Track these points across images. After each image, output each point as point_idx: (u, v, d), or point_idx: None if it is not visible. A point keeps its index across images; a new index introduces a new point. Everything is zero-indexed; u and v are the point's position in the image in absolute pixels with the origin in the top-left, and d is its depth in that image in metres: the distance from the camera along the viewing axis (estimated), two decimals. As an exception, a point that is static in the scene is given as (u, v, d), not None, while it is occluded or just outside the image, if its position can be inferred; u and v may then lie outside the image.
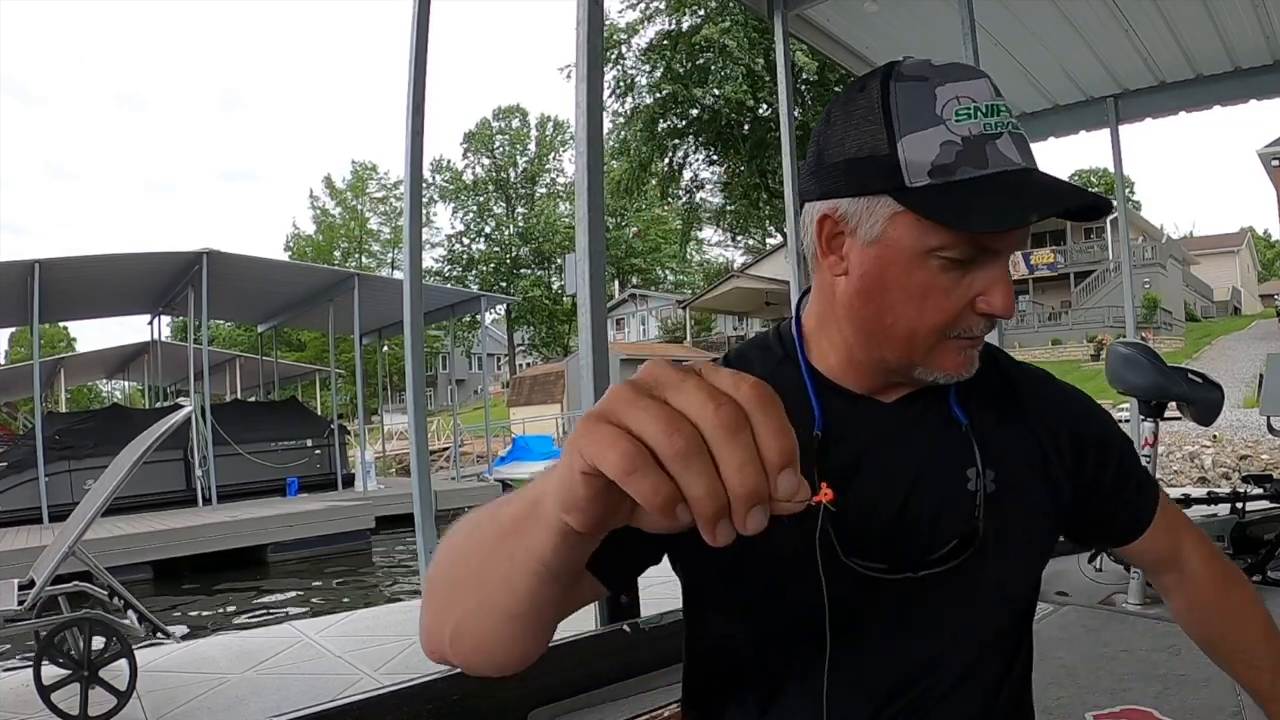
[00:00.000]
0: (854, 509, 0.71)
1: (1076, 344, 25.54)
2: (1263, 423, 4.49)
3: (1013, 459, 0.77)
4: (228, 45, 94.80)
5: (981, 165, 0.64)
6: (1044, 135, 6.47)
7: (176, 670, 3.37)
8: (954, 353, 0.70)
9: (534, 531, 0.45)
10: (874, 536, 0.72)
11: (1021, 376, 0.84)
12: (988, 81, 0.67)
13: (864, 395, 0.77)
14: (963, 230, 0.64)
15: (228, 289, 12.79)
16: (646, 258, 45.05)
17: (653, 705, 0.95)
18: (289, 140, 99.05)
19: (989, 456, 0.76)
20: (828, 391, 0.76)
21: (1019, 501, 0.76)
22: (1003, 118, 0.66)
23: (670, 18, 21.58)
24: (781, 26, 4.84)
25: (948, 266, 0.67)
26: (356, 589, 8.78)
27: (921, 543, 0.73)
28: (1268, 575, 3.41)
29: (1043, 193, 0.64)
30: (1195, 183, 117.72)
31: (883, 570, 0.72)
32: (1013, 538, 0.76)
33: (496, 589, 0.51)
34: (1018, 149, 0.66)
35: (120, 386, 33.45)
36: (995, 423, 0.78)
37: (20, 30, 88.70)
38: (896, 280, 0.68)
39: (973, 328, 0.69)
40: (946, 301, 0.68)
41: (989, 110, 0.66)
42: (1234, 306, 37.38)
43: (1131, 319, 6.50)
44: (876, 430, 0.76)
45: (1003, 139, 0.65)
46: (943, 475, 0.75)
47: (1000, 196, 0.63)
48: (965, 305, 0.68)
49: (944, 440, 0.76)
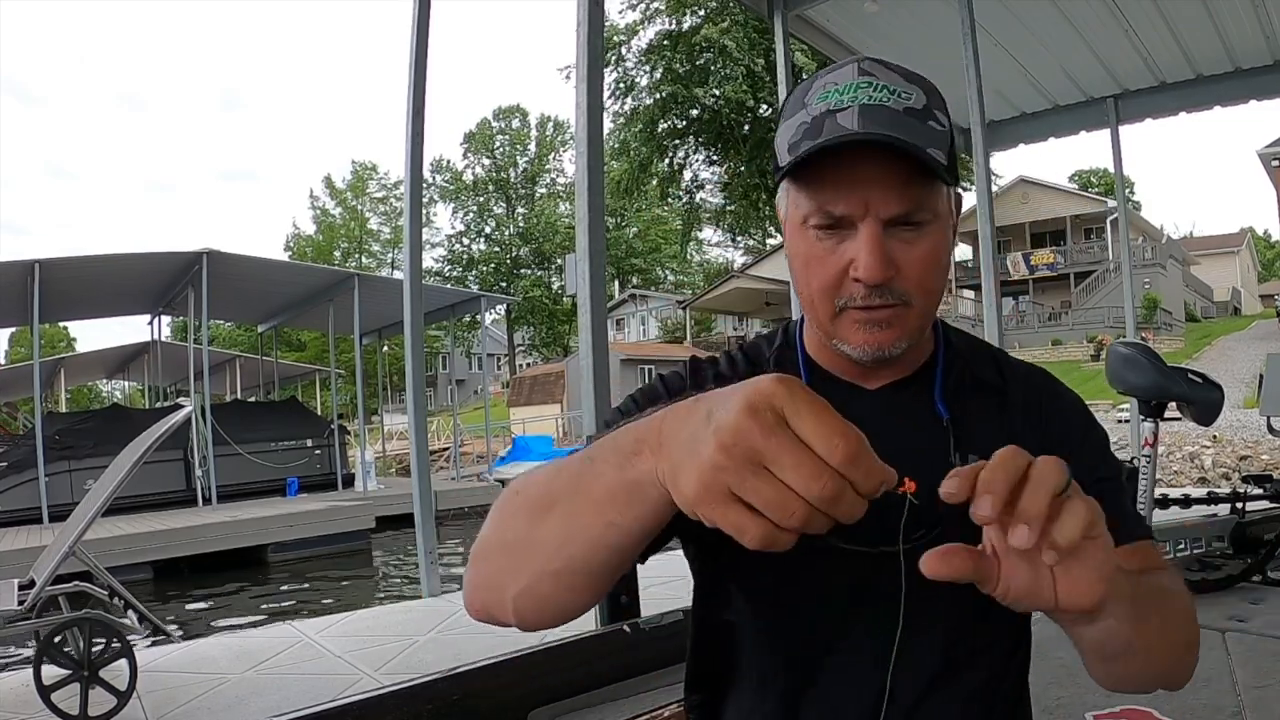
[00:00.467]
0: None
1: (1076, 344, 25.53)
2: (1263, 423, 4.49)
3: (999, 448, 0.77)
4: (228, 45, 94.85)
5: (816, 136, 0.68)
6: (1044, 135, 6.48)
7: (176, 670, 3.36)
8: (853, 326, 0.73)
9: (640, 505, 0.51)
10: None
11: (1019, 373, 0.84)
12: (856, 67, 0.72)
13: (848, 382, 0.80)
14: (795, 184, 0.72)
15: (228, 289, 12.79)
16: (646, 258, 45.04)
17: (653, 705, 0.95)
18: (289, 140, 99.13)
19: (974, 449, 0.76)
20: (818, 378, 0.81)
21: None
22: (858, 94, 0.69)
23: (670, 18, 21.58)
24: (781, 26, 4.85)
25: (821, 235, 0.72)
26: (357, 589, 8.78)
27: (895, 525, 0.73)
28: (1268, 575, 3.41)
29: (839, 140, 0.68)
30: (1195, 183, 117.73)
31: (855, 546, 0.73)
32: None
33: (588, 550, 0.56)
34: (863, 119, 0.67)
35: (120, 386, 33.46)
36: (985, 416, 0.79)
37: (20, 30, 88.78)
38: (793, 251, 0.75)
39: (855, 296, 0.72)
40: (823, 268, 0.72)
41: (845, 89, 0.70)
42: (1234, 307, 37.37)
43: (1131, 319, 6.51)
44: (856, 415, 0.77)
45: (846, 112, 0.68)
46: (921, 464, 0.75)
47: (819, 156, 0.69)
48: (841, 272, 0.71)
49: (925, 430, 0.77)
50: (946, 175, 0.70)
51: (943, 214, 0.73)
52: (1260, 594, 3.26)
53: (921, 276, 0.72)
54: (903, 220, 0.70)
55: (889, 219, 0.69)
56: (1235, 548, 3.69)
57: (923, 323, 0.75)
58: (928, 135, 0.69)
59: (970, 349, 0.85)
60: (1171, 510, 4.14)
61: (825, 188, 0.70)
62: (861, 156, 0.68)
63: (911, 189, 0.69)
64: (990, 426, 0.78)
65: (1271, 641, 2.68)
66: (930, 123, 0.70)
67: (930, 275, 0.72)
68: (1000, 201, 28.03)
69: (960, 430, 0.77)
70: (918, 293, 0.72)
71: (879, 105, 0.68)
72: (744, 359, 0.86)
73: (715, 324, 39.08)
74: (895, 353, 0.74)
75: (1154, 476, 3.14)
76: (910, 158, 0.67)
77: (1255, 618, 2.93)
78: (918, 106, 0.70)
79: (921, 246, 0.71)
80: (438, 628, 3.80)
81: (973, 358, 0.84)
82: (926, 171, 0.68)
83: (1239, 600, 3.17)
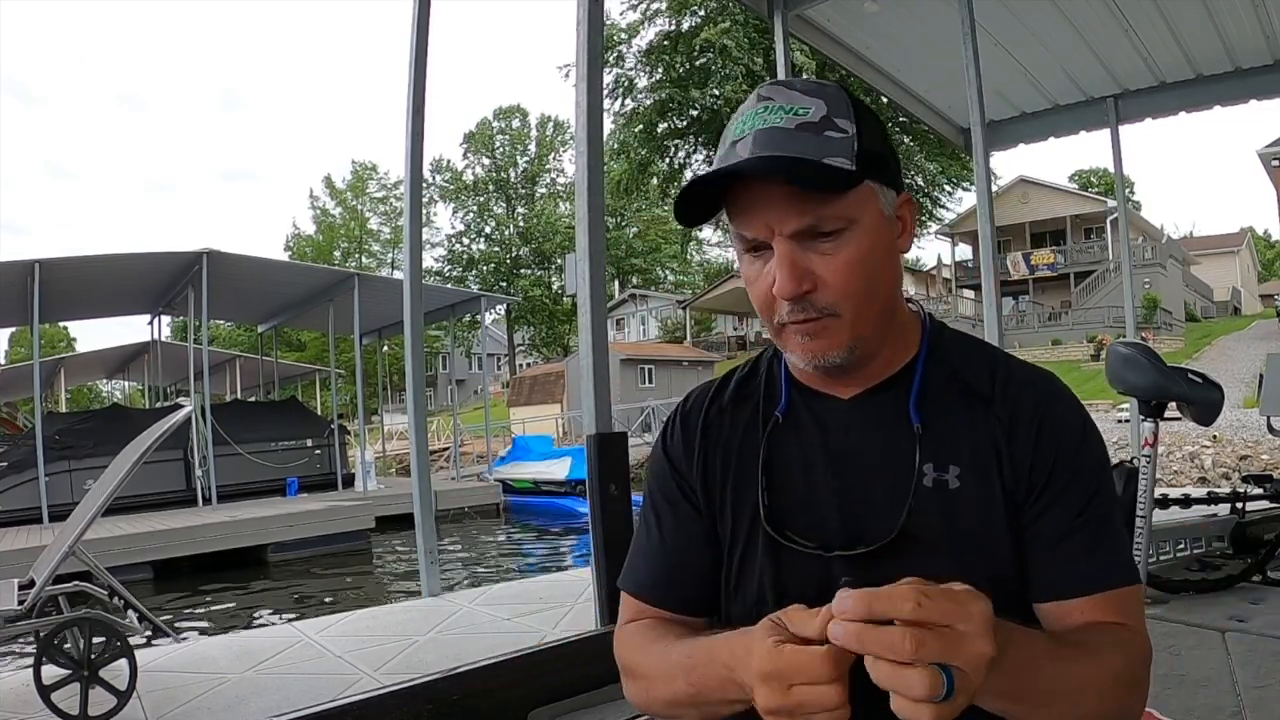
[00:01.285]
0: (796, 492, 0.79)
1: (1076, 344, 25.53)
2: (1263, 423, 4.49)
3: (975, 457, 0.77)
4: (227, 45, 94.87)
5: (718, 163, 0.73)
6: (1044, 135, 6.47)
7: (176, 670, 3.36)
8: (792, 338, 0.76)
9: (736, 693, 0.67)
10: (812, 519, 0.78)
11: (1017, 383, 0.80)
12: (757, 95, 0.75)
13: (824, 393, 0.83)
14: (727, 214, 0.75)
15: (228, 289, 12.79)
16: (646, 258, 45.05)
17: (653, 705, 0.96)
18: (289, 140, 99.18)
19: (948, 455, 0.77)
20: (796, 387, 0.84)
21: (980, 500, 0.76)
22: (755, 120, 0.73)
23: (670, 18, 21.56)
24: (781, 27, 4.84)
25: (751, 259, 0.76)
26: (356, 589, 8.78)
27: (853, 529, 0.77)
28: (1268, 575, 3.41)
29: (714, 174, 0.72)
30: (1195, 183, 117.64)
31: (811, 548, 0.77)
32: (967, 536, 0.75)
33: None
34: (755, 144, 0.71)
35: (120, 386, 33.47)
36: (967, 425, 0.78)
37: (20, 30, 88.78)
38: (742, 274, 0.79)
39: (783, 312, 0.74)
40: (756, 289, 0.76)
41: (747, 118, 0.74)
42: (1234, 307, 37.37)
43: (1131, 319, 6.50)
44: (829, 423, 0.81)
45: (744, 141, 0.72)
46: (891, 470, 0.77)
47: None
48: (769, 291, 0.74)
49: (896, 437, 0.78)
50: (856, 178, 0.71)
51: (863, 218, 0.73)
52: (1260, 594, 3.26)
53: (844, 285, 0.72)
54: (814, 233, 0.71)
55: (795, 233, 0.71)
56: (1235, 548, 3.69)
57: (860, 329, 0.74)
58: (824, 145, 0.70)
59: (965, 353, 0.82)
60: (1171, 510, 4.14)
61: (737, 215, 0.74)
62: (759, 180, 0.71)
63: (809, 202, 0.70)
64: (972, 435, 0.77)
65: (1271, 641, 2.68)
66: (828, 132, 0.71)
67: (853, 282, 0.72)
68: (1000, 201, 28.03)
69: (935, 439, 0.77)
70: (843, 302, 0.73)
71: (771, 128, 0.71)
72: (736, 384, 0.89)
73: (715, 324, 39.09)
74: (835, 360, 0.75)
75: (1154, 476, 3.13)
76: (798, 183, 0.69)
77: (1255, 618, 2.93)
78: (814, 119, 0.72)
79: (841, 256, 0.72)
80: (438, 628, 3.80)
81: (965, 363, 0.81)
82: (824, 182, 0.69)
83: (1239, 600, 3.17)
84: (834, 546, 0.76)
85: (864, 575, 0.72)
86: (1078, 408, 0.80)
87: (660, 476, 0.89)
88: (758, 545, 0.80)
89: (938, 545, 0.75)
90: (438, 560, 4.68)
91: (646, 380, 29.21)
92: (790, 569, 0.78)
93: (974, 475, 0.76)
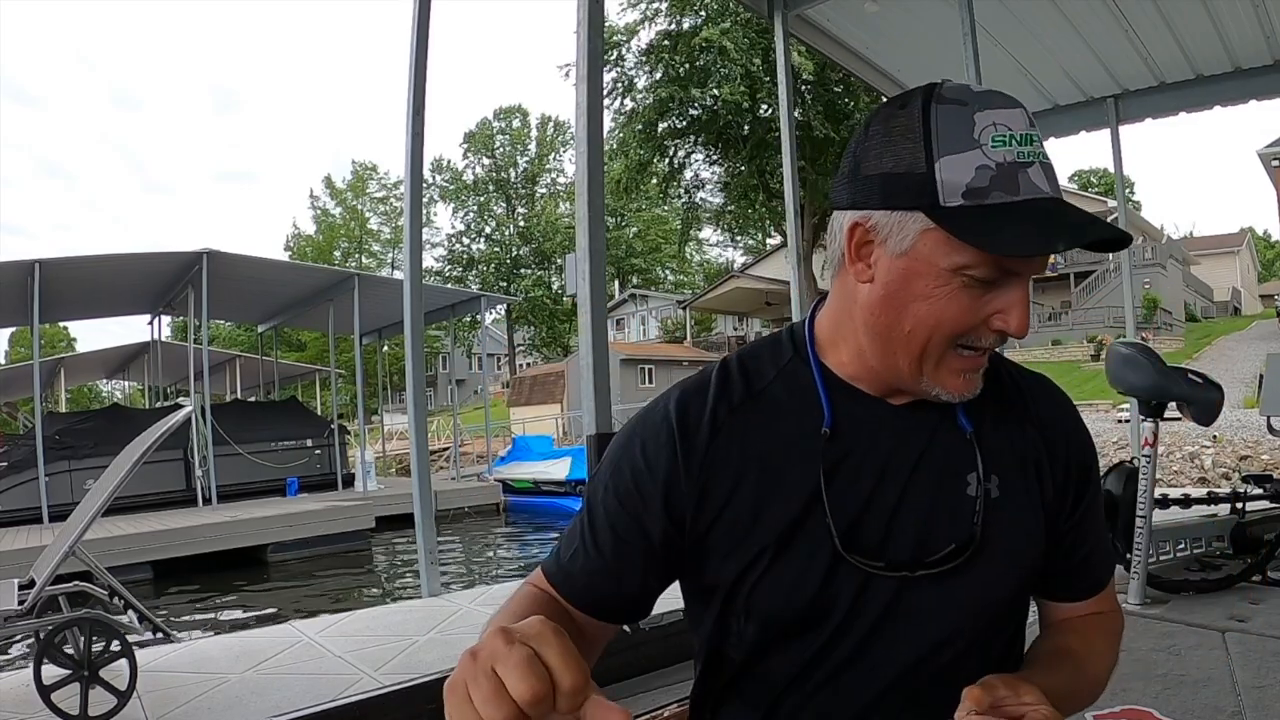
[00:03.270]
0: (854, 505, 0.75)
1: (1076, 344, 25.52)
2: (1263, 423, 4.49)
3: (1014, 467, 0.79)
4: (226, 46, 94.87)
5: (1014, 192, 0.66)
6: (1044, 136, 6.46)
7: (176, 670, 3.36)
8: (958, 368, 0.73)
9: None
10: (872, 534, 0.75)
11: (1029, 384, 0.85)
12: (1024, 111, 0.69)
13: (873, 396, 0.79)
14: (993, 253, 0.67)
15: (228, 289, 12.79)
16: (646, 258, 45.05)
17: (653, 705, 0.95)
18: (288, 140, 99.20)
19: (993, 464, 0.77)
20: (837, 391, 0.79)
21: (1018, 509, 0.78)
22: (1035, 147, 0.68)
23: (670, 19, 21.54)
24: (781, 27, 4.84)
25: (970, 284, 0.69)
26: (356, 589, 8.78)
27: (916, 543, 0.75)
28: (1268, 575, 3.41)
29: (1070, 223, 0.66)
30: (1195, 183, 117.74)
31: (880, 568, 0.74)
32: (1008, 544, 0.77)
33: None
34: (1047, 178, 0.68)
35: (120, 386, 33.42)
36: (1002, 430, 0.79)
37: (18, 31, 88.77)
38: (921, 292, 0.70)
39: (982, 339, 0.71)
40: (965, 316, 0.70)
41: (1023, 139, 0.68)
42: (1234, 307, 37.36)
43: (1131, 319, 6.51)
44: (881, 430, 0.78)
45: (1034, 168, 0.67)
46: (943, 479, 0.76)
47: (1029, 224, 0.66)
48: (981, 321, 0.71)
49: (948, 445, 0.77)
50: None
51: None
52: (1260, 594, 3.26)
53: (1025, 330, 0.73)
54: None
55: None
56: (1235, 548, 3.69)
57: None
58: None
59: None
60: (1171, 510, 4.14)
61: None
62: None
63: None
64: (1009, 443, 0.79)
65: (1271, 641, 2.68)
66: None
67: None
68: (1000, 201, 27.90)
69: (982, 444, 0.78)
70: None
71: (1049, 163, 0.69)
72: (742, 384, 0.80)
73: (715, 324, 39.08)
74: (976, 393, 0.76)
75: (1154, 476, 3.14)
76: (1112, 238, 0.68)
77: (1255, 618, 2.93)
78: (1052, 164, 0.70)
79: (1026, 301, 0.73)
80: (438, 628, 3.80)
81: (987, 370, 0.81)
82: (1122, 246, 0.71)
83: (1239, 600, 3.17)
84: (898, 562, 0.74)
85: (913, 586, 0.75)
86: (1079, 415, 0.86)
87: (623, 485, 0.79)
88: (795, 561, 0.75)
89: (988, 555, 0.75)
90: (438, 560, 4.68)
91: (646, 380, 29.22)
92: (842, 585, 0.75)
93: (1014, 485, 0.78)
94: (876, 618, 0.75)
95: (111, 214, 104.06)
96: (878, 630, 0.75)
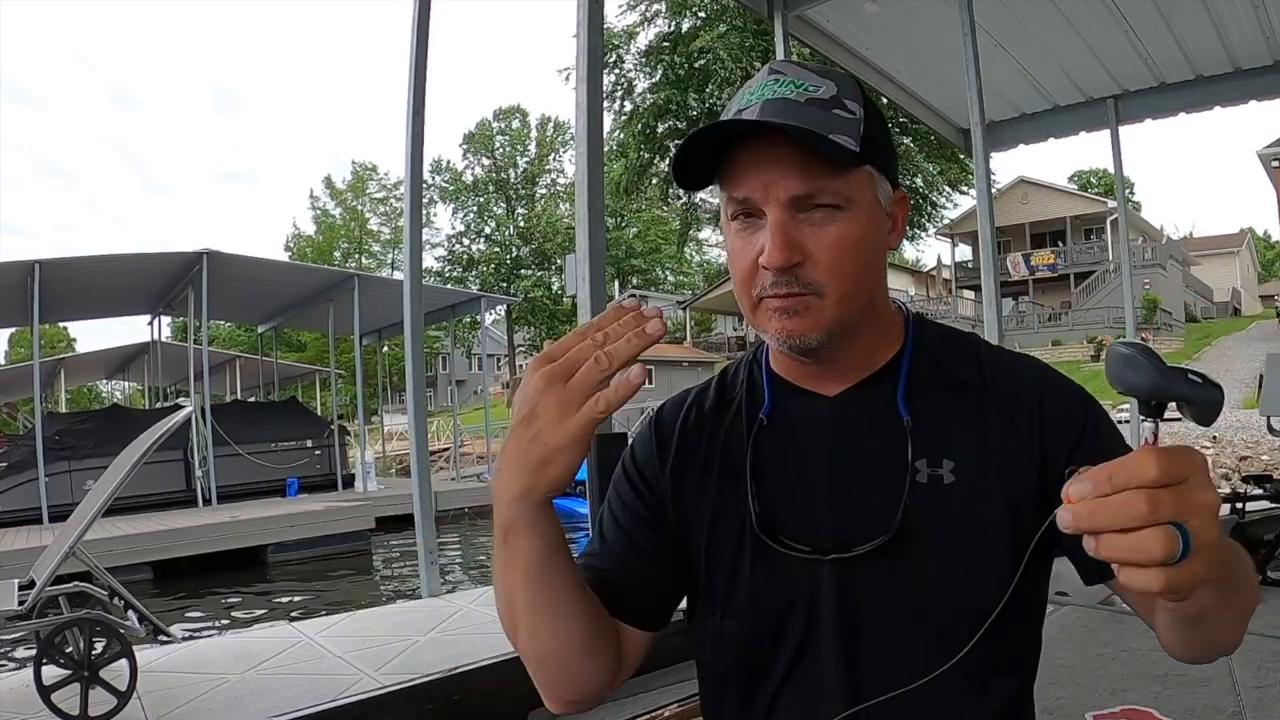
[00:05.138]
0: (786, 495, 0.77)
1: (1076, 344, 25.53)
2: (1263, 423, 4.49)
3: (973, 455, 0.74)
4: (227, 46, 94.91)
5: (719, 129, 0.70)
6: (1044, 136, 6.48)
7: (176, 670, 3.36)
8: (769, 315, 0.73)
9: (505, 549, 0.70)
10: (804, 522, 0.75)
11: (1005, 369, 0.79)
12: (769, 69, 0.75)
13: (808, 390, 0.80)
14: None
15: (228, 289, 12.78)
16: (646, 258, 45.03)
17: (653, 705, 0.96)
18: (288, 140, 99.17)
19: (942, 451, 0.74)
20: (779, 386, 0.82)
21: (976, 496, 0.73)
22: (764, 91, 0.72)
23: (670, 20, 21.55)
24: (781, 27, 4.85)
25: (739, 227, 0.73)
26: (356, 589, 8.78)
27: (843, 528, 0.74)
28: (1268, 575, 3.41)
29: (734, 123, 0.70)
30: (1195, 183, 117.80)
31: (806, 552, 0.74)
32: (962, 533, 0.72)
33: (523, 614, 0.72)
34: (763, 111, 0.70)
35: (120, 387, 33.42)
36: (960, 417, 0.76)
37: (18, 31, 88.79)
38: (727, 248, 0.76)
39: (766, 284, 0.71)
40: (741, 260, 0.73)
41: (755, 90, 0.72)
42: (1234, 307, 37.36)
43: (1131, 319, 6.52)
44: (815, 421, 0.79)
45: (750, 109, 0.71)
46: (882, 467, 0.75)
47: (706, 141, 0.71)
48: (754, 262, 0.72)
49: (886, 433, 0.75)
50: (860, 159, 0.69)
51: (861, 202, 0.71)
52: (1260, 594, 3.26)
53: (833, 262, 0.70)
54: (810, 203, 0.69)
55: (791, 199, 0.69)
56: (1235, 548, 3.69)
57: (842, 313, 0.71)
58: (831, 122, 0.69)
59: (949, 346, 0.81)
60: (1171, 510, 4.13)
61: (734, 177, 0.71)
62: (766, 143, 0.69)
63: (812, 171, 0.68)
64: (966, 429, 0.75)
65: (1271, 641, 2.68)
66: (836, 110, 0.70)
67: (843, 261, 0.70)
68: (1000, 202, 28.05)
69: (927, 433, 0.74)
70: (829, 280, 0.70)
71: (780, 98, 0.70)
72: (718, 389, 0.86)
73: (715, 324, 39.08)
74: (811, 343, 0.72)
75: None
76: (809, 143, 0.67)
77: (1255, 618, 2.93)
78: (824, 97, 0.71)
79: (831, 232, 0.70)
80: (438, 628, 3.80)
81: (950, 355, 0.80)
82: (829, 151, 0.67)
83: (1239, 600, 3.17)
84: (827, 548, 0.73)
85: (859, 577, 0.73)
86: (1068, 379, 0.80)
87: (619, 484, 0.85)
88: (746, 553, 0.76)
89: (933, 543, 0.72)
90: (438, 561, 4.68)
91: (647, 380, 29.14)
92: (782, 575, 0.75)
93: (970, 469, 0.74)
94: (839, 610, 0.73)
95: (111, 214, 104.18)
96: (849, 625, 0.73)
